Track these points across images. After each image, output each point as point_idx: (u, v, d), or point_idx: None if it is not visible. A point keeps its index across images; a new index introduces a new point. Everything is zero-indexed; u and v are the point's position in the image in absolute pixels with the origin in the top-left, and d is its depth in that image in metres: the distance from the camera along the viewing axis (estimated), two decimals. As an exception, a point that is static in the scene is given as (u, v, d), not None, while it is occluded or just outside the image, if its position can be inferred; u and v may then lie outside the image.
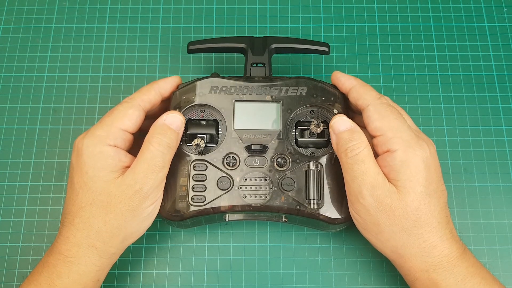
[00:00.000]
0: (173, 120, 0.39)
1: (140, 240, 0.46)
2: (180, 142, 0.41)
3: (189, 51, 0.46)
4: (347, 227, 0.46)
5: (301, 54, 0.53)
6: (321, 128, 0.41)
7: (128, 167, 0.39)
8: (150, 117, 0.44)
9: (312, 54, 0.53)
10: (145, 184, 0.37)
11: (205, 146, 0.41)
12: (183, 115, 0.41)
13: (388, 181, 0.37)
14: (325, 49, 0.46)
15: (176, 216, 0.40)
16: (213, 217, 0.41)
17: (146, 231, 0.46)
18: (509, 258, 0.46)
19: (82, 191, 0.38)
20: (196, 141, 0.41)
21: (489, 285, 0.37)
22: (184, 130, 0.41)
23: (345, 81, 0.42)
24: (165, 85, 0.42)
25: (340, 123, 0.39)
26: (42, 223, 0.47)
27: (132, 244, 0.45)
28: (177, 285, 0.45)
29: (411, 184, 0.36)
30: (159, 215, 0.41)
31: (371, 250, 0.46)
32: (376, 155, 0.39)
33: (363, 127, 0.45)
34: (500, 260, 0.45)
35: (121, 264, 0.45)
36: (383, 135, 0.38)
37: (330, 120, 0.40)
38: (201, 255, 0.46)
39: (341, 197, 0.40)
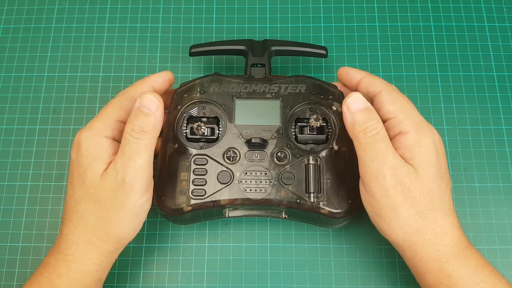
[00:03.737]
0: (146, 103, 0.37)
1: (140, 240, 0.46)
2: (180, 137, 0.41)
3: (191, 54, 0.48)
4: (347, 226, 0.46)
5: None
6: (320, 122, 0.41)
7: None
8: None
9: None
10: (126, 174, 0.36)
11: (206, 140, 0.42)
12: (186, 112, 0.42)
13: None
14: (323, 52, 0.48)
15: (176, 210, 0.40)
16: (212, 212, 0.42)
17: (146, 231, 0.46)
18: (509, 258, 0.46)
19: (78, 184, 0.38)
20: (197, 123, 0.41)
21: (497, 278, 0.37)
22: (185, 126, 0.42)
23: (354, 74, 0.43)
24: (157, 79, 0.43)
25: (356, 102, 0.38)
26: (42, 223, 0.47)
27: (132, 244, 0.45)
28: (177, 285, 0.45)
29: (426, 164, 0.37)
30: (158, 210, 0.41)
31: (371, 250, 0.46)
32: None
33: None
34: (500, 260, 0.45)
35: (121, 264, 0.45)
36: (395, 117, 0.39)
37: (346, 97, 0.39)
38: (201, 255, 0.46)
39: (340, 191, 0.40)
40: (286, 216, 0.42)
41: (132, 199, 0.37)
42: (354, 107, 0.38)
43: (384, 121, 0.40)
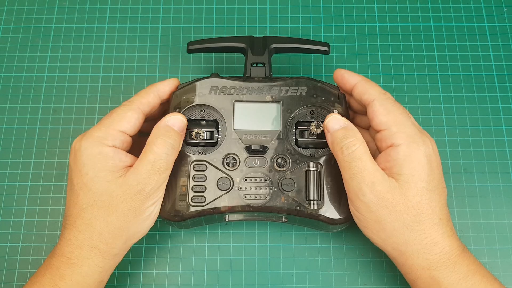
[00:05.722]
0: (176, 122, 0.39)
1: (140, 240, 0.46)
2: None
3: (189, 51, 0.46)
4: (347, 227, 0.46)
5: (301, 54, 0.53)
6: (321, 128, 0.41)
7: (129, 166, 0.38)
8: (150, 119, 0.44)
9: (312, 54, 0.53)
10: (147, 185, 0.37)
11: (205, 144, 0.41)
12: (185, 115, 0.41)
13: (390, 175, 0.37)
14: (325, 48, 0.46)
15: (176, 216, 0.40)
16: (213, 217, 0.41)
17: (146, 231, 0.46)
18: (509, 258, 0.46)
19: (82, 192, 0.37)
20: (196, 130, 0.41)
21: (490, 283, 0.37)
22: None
23: (349, 77, 0.42)
24: (164, 88, 0.42)
25: (334, 122, 0.39)
26: (42, 223, 0.47)
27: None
28: (177, 285, 0.45)
29: (413, 179, 0.36)
30: (159, 215, 0.41)
31: (371, 250, 0.46)
32: (379, 150, 0.40)
33: (363, 127, 0.45)
34: (500, 260, 0.45)
35: (121, 264, 0.45)
36: (387, 129, 0.38)
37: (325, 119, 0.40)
38: (201, 255, 0.46)
39: (341, 198, 0.40)
40: (286, 220, 0.42)
41: (146, 205, 0.38)
42: (332, 127, 0.39)
43: (376, 132, 0.40)
